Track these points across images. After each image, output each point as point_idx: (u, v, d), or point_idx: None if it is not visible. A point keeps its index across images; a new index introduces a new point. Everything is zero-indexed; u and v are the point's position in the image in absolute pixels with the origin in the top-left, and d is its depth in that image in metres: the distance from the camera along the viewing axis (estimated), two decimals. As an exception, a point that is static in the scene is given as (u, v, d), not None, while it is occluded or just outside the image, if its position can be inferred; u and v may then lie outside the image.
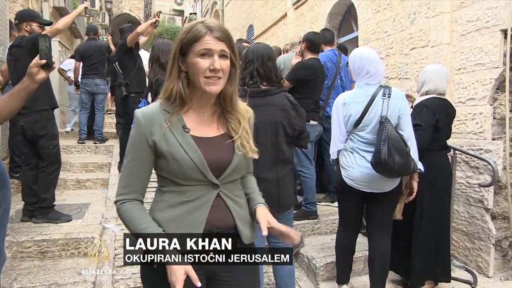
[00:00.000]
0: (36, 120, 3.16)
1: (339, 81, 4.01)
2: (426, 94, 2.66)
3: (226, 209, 1.24)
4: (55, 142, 3.37)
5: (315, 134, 3.49)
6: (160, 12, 4.66)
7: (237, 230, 1.24)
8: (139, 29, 4.49)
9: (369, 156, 2.30)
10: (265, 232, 1.18)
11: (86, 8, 3.84)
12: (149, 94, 3.41)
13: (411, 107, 2.71)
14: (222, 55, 1.16)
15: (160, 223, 1.21)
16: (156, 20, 4.47)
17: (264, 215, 1.25)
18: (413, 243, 2.62)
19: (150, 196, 1.32)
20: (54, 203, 3.41)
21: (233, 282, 1.27)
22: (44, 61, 1.52)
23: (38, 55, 1.51)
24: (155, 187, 1.31)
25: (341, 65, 4.01)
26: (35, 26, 3.29)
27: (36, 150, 3.27)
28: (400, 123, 2.30)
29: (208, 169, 1.19)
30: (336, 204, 3.82)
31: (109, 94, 7.03)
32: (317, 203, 3.81)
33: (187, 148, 1.18)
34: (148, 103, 3.31)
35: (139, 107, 3.38)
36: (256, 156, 1.28)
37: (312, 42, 3.59)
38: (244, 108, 1.31)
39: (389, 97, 2.29)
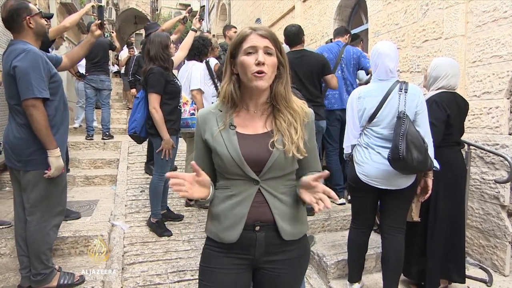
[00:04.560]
0: None
1: (339, 72, 3.91)
2: (437, 90, 2.57)
3: (266, 205, 1.28)
4: None
5: None
6: (191, 8, 4.55)
7: (277, 226, 1.29)
8: (164, 26, 4.49)
9: (384, 152, 2.24)
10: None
11: (92, 7, 3.82)
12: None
13: None
14: (267, 52, 1.22)
15: (214, 216, 1.33)
16: (185, 17, 4.37)
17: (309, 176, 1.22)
18: (428, 242, 2.55)
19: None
20: None
21: (275, 273, 1.35)
22: (99, 21, 2.58)
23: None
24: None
25: (343, 55, 3.91)
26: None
27: None
28: (417, 119, 2.23)
29: (245, 165, 1.25)
30: (339, 201, 3.76)
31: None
32: None
33: (228, 144, 1.26)
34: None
35: (137, 97, 3.36)
36: (300, 157, 1.27)
37: (288, 37, 3.58)
38: (300, 110, 1.32)
39: (405, 92, 2.23)
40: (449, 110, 2.46)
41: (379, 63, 2.33)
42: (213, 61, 4.24)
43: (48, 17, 3.58)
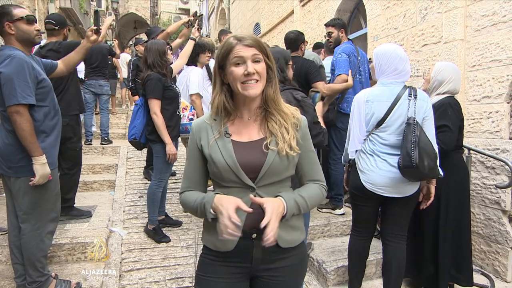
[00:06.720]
0: (67, 123, 3.22)
1: (358, 76, 3.71)
2: (443, 94, 2.56)
3: (262, 212, 1.20)
4: (80, 145, 3.55)
5: None
6: (196, 12, 4.49)
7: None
8: (169, 29, 4.45)
9: (390, 159, 2.20)
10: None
11: (95, 12, 3.78)
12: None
13: None
14: (255, 60, 1.23)
15: (210, 224, 1.28)
16: (189, 20, 4.31)
17: (268, 201, 1.20)
18: (441, 245, 2.53)
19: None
20: (74, 202, 3.54)
21: (273, 280, 1.33)
22: (95, 27, 2.58)
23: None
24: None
25: (359, 58, 3.77)
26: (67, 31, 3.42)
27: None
28: (424, 126, 2.18)
29: (241, 171, 1.25)
30: (337, 211, 3.66)
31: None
32: (319, 209, 3.71)
33: (223, 151, 1.26)
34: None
35: (136, 104, 3.35)
36: (293, 153, 1.27)
37: (286, 43, 3.58)
38: (290, 113, 1.33)
39: (415, 98, 2.18)
40: (461, 114, 2.48)
41: (388, 65, 2.25)
42: (212, 62, 4.23)
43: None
